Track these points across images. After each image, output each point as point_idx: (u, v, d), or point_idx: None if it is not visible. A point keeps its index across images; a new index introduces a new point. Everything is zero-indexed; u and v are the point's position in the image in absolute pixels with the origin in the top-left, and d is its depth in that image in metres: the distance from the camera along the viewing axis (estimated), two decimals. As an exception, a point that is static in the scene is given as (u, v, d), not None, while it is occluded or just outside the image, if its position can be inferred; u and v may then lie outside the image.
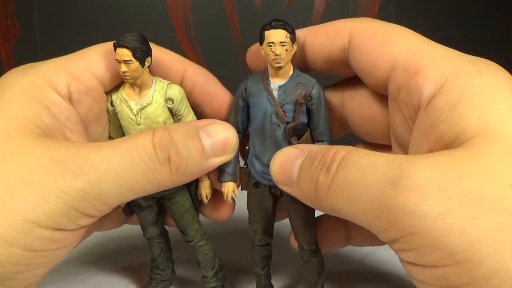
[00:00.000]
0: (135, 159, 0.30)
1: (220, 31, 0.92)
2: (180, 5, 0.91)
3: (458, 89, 0.27)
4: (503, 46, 0.95)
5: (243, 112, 0.36)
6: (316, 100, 0.34)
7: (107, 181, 0.29)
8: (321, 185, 0.29)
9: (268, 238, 0.38)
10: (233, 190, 0.36)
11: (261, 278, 0.40)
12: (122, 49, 0.32)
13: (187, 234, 0.39)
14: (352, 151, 0.28)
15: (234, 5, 0.91)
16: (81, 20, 0.88)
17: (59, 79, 0.33)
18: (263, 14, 0.91)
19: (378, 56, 0.32)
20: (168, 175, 0.31)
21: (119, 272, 0.47)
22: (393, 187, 0.25)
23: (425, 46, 0.31)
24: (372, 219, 0.26)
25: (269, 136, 0.34)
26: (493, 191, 0.24)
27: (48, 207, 0.28)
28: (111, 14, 0.90)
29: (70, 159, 0.29)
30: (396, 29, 0.33)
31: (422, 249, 0.24)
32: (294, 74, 0.35)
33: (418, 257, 0.25)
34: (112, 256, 0.50)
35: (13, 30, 0.91)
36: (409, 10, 0.93)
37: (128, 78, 0.33)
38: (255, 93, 0.35)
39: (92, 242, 0.52)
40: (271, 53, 0.33)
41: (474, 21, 0.93)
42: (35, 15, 0.90)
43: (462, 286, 0.24)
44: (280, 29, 0.33)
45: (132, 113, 0.35)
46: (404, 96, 0.31)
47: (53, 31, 0.89)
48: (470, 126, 0.26)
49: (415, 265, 0.26)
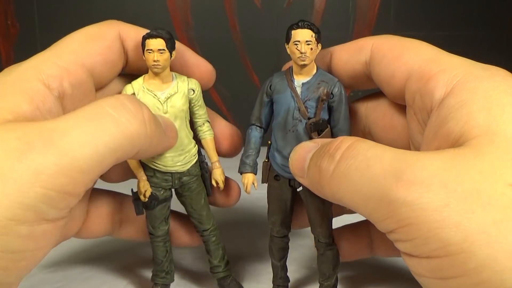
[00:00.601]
0: (104, 114, 0.29)
1: (220, 31, 0.92)
2: (180, 5, 0.91)
3: (467, 91, 0.29)
4: (503, 46, 0.95)
5: (267, 108, 0.38)
6: (338, 98, 0.36)
7: (80, 145, 0.27)
8: (324, 172, 0.30)
9: (286, 230, 0.40)
10: (252, 182, 0.38)
11: (278, 270, 0.41)
12: (156, 39, 0.35)
13: (204, 222, 0.40)
14: (359, 141, 0.29)
15: (234, 5, 0.91)
16: (81, 20, 0.88)
17: (51, 72, 0.33)
18: (263, 14, 0.91)
19: (395, 67, 0.34)
20: (142, 125, 0.31)
21: (119, 272, 0.47)
22: (396, 179, 0.26)
23: (437, 55, 0.33)
24: (372, 209, 0.27)
25: (291, 130, 0.36)
26: (491, 188, 0.24)
27: (23, 197, 0.26)
28: (111, 14, 0.89)
29: (37, 135, 0.27)
30: (412, 42, 0.35)
31: (418, 240, 0.25)
32: (317, 72, 0.36)
33: (414, 247, 0.26)
34: (112, 256, 0.50)
35: (13, 30, 0.91)
36: (409, 10, 0.93)
37: (159, 68, 0.36)
38: (280, 90, 0.36)
39: (92, 242, 0.52)
40: (296, 51, 0.35)
41: (474, 21, 0.94)
42: (35, 15, 0.91)
43: (455, 277, 0.25)
44: (306, 29, 0.34)
45: (159, 103, 0.36)
46: (418, 101, 0.32)
47: (53, 31, 0.89)
48: (476, 126, 0.27)
49: (411, 256, 0.27)
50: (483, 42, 0.94)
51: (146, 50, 0.35)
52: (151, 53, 0.35)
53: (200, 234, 0.41)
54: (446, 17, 0.93)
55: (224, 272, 0.41)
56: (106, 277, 0.46)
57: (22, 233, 0.26)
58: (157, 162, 0.37)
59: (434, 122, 0.30)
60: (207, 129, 0.40)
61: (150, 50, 0.35)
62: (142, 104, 0.32)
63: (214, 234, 0.41)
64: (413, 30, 0.92)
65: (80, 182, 0.28)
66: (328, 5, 0.92)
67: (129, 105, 0.30)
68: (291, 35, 0.35)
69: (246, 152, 0.38)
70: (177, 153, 0.38)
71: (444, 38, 0.93)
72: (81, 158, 0.27)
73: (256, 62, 0.93)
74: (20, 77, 0.32)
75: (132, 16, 0.90)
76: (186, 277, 0.45)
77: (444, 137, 0.29)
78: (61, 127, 0.28)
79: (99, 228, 0.41)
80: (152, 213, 0.39)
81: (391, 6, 0.92)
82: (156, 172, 0.38)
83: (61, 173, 0.27)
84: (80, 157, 0.27)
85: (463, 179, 0.25)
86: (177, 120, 0.37)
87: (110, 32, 0.37)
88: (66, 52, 0.35)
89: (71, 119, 0.29)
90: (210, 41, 0.91)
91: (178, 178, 0.38)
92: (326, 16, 0.92)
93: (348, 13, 0.93)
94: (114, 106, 0.30)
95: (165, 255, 0.41)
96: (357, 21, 0.93)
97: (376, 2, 0.92)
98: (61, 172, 0.27)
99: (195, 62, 0.39)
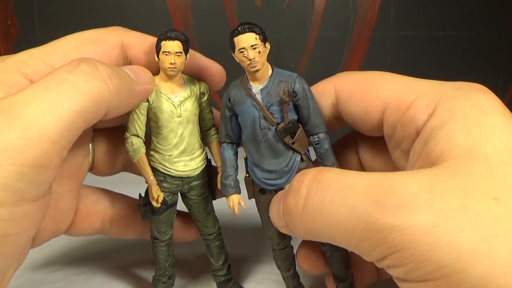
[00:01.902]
0: (61, 80, 0.29)
1: (220, 31, 0.92)
2: (180, 5, 0.91)
3: (447, 112, 0.29)
4: (503, 46, 0.95)
5: (232, 122, 0.36)
6: (301, 94, 0.33)
7: (42, 114, 0.27)
8: (293, 209, 0.29)
9: (286, 240, 0.38)
10: (238, 202, 0.36)
11: (289, 280, 0.39)
12: (174, 41, 0.34)
13: (210, 227, 0.40)
14: (322, 171, 0.28)
15: (234, 5, 0.91)
16: (81, 20, 0.88)
17: (35, 69, 0.32)
18: (263, 14, 0.91)
19: (367, 103, 0.33)
20: (102, 82, 0.30)
21: (119, 272, 0.47)
22: (379, 206, 0.25)
23: (407, 83, 0.33)
24: (358, 240, 0.26)
25: (263, 141, 0.34)
26: (477, 204, 0.24)
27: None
28: (111, 14, 0.90)
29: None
30: (375, 74, 0.35)
31: (411, 265, 0.25)
32: (273, 73, 0.34)
33: (408, 272, 0.25)
34: (112, 256, 0.50)
35: (13, 30, 0.91)
36: (409, 10, 0.93)
37: (175, 70, 0.35)
38: (240, 101, 0.34)
39: (92, 242, 0.52)
40: (245, 59, 0.33)
41: (474, 21, 0.94)
42: (35, 15, 0.91)
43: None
44: (248, 32, 0.32)
45: (173, 106, 0.36)
46: (400, 131, 0.32)
47: (53, 31, 0.89)
48: (455, 146, 0.27)
49: (406, 281, 0.26)
50: (483, 42, 0.94)
51: (162, 52, 0.34)
52: (168, 55, 0.34)
53: (205, 238, 0.41)
54: (446, 17, 0.93)
55: (226, 276, 0.41)
56: (106, 277, 0.46)
57: (3, 216, 0.26)
58: (168, 166, 0.37)
59: (417, 145, 0.30)
60: (214, 133, 0.39)
61: (167, 52, 0.34)
62: (98, 62, 0.31)
63: (219, 238, 0.41)
64: (413, 30, 0.92)
65: (51, 152, 0.27)
66: (328, 5, 0.92)
67: (83, 66, 0.30)
68: (234, 43, 0.33)
69: (224, 173, 0.36)
70: (189, 158, 0.37)
71: (444, 38, 0.93)
72: (46, 127, 0.27)
73: (256, 62, 0.93)
74: (3, 69, 0.31)
75: (132, 16, 0.90)
76: (185, 279, 0.45)
77: (425, 157, 0.28)
78: (20, 100, 0.27)
79: (89, 226, 0.41)
80: (159, 218, 0.38)
81: (391, 6, 0.92)
82: (167, 176, 0.37)
83: (29, 146, 0.26)
84: (45, 126, 0.27)
85: (447, 197, 0.25)
86: (190, 124, 0.36)
87: (111, 38, 0.36)
88: (58, 51, 0.34)
89: (29, 91, 0.28)
90: (210, 41, 0.91)
91: (188, 182, 0.38)
92: (326, 16, 0.92)
93: (348, 13, 0.93)
94: (69, 71, 0.29)
95: (167, 260, 0.40)
96: (357, 21, 0.93)
97: (376, 2, 0.92)
98: (29, 145, 0.26)
99: (206, 65, 0.39)
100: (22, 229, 0.28)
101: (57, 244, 0.51)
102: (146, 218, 0.38)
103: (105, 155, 0.40)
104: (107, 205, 0.41)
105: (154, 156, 0.37)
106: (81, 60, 0.30)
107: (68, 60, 0.33)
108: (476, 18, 0.93)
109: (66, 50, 0.34)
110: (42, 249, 0.38)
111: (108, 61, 0.35)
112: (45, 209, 0.30)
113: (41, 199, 0.29)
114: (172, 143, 0.36)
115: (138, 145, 0.36)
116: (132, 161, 0.36)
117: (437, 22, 0.93)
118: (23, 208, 0.27)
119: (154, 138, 0.37)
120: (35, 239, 0.35)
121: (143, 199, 0.37)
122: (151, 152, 0.37)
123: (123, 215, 0.41)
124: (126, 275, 0.46)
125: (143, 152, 0.36)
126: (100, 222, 0.41)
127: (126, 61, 0.37)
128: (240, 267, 0.47)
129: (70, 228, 0.39)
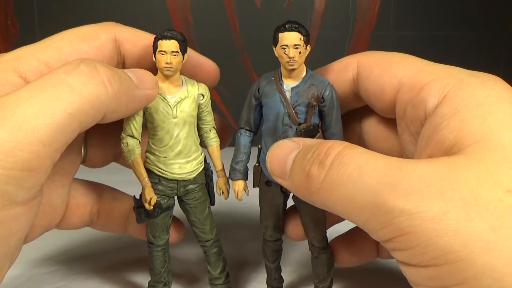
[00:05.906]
0: (57, 81, 0.28)
1: (220, 31, 0.92)
2: (180, 5, 0.91)
3: (460, 98, 0.29)
4: (503, 46, 0.95)
5: (256, 111, 0.36)
6: (329, 102, 0.35)
7: (34, 116, 0.26)
8: (314, 179, 0.29)
9: (279, 234, 0.39)
10: (243, 189, 0.37)
11: (272, 271, 0.40)
12: (170, 41, 0.34)
13: (207, 233, 0.39)
14: (348, 147, 0.29)
15: (234, 5, 0.91)
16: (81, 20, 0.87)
17: (30, 66, 0.32)
18: (263, 14, 0.91)
19: (384, 80, 0.34)
20: (100, 86, 0.29)
21: (119, 272, 0.47)
22: (393, 189, 0.26)
23: (425, 66, 0.33)
24: (367, 218, 0.27)
25: (281, 136, 0.35)
26: (489, 195, 0.24)
27: None
28: (111, 14, 0.90)
29: None
30: (398, 55, 0.35)
31: (417, 249, 0.25)
32: (307, 75, 0.35)
33: (413, 256, 0.26)
34: (112, 256, 0.50)
35: (13, 30, 0.91)
36: (409, 10, 0.93)
37: (171, 70, 0.34)
38: (268, 94, 0.35)
39: (92, 241, 0.52)
40: (284, 56, 0.33)
41: (474, 21, 0.93)
42: (35, 15, 0.91)
43: (455, 285, 0.24)
44: (294, 31, 0.33)
45: (169, 107, 0.35)
46: (410, 112, 0.32)
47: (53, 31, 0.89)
48: (470, 134, 0.27)
49: (409, 265, 0.26)
50: (483, 42, 0.94)
51: (158, 51, 0.34)
52: (164, 55, 0.34)
53: (202, 245, 0.40)
54: (446, 17, 0.93)
55: (224, 285, 0.40)
56: (106, 277, 0.46)
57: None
58: (163, 168, 0.36)
59: (427, 130, 0.30)
60: (214, 136, 0.38)
61: (163, 51, 0.34)
62: (99, 64, 0.30)
63: (216, 245, 0.40)
64: (413, 30, 0.92)
65: (43, 155, 0.26)
66: (328, 5, 0.92)
67: (83, 67, 0.29)
68: (278, 38, 0.33)
69: (236, 157, 0.37)
70: (185, 160, 0.36)
71: (444, 38, 0.93)
72: (38, 129, 0.26)
73: (256, 62, 0.93)
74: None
75: (132, 16, 0.90)
76: (182, 287, 0.44)
77: (437, 145, 0.29)
78: (12, 101, 0.26)
79: (78, 219, 0.40)
80: (154, 221, 0.37)
81: (391, 6, 0.92)
82: (162, 179, 0.36)
83: (19, 148, 0.25)
84: (36, 128, 0.26)
85: (460, 187, 0.25)
86: (186, 125, 0.36)
87: (104, 33, 0.36)
88: (52, 48, 0.34)
89: (23, 92, 0.27)
90: (210, 41, 0.91)
91: (183, 186, 0.37)
92: (326, 16, 0.92)
93: (348, 13, 0.93)
94: (67, 71, 0.28)
95: (163, 266, 0.39)
96: (357, 21, 0.93)
97: (376, 2, 0.92)
98: (19, 147, 0.25)
99: (199, 61, 0.38)
100: (12, 231, 0.28)
101: (57, 244, 0.51)
102: (140, 221, 0.37)
103: (97, 148, 0.40)
104: (95, 198, 0.41)
105: (149, 157, 0.36)
106: (81, 60, 0.30)
107: (62, 57, 0.33)
108: (476, 18, 0.93)
109: (60, 47, 0.34)
110: (42, 249, 0.38)
111: (102, 56, 0.35)
112: (36, 210, 0.30)
113: (31, 202, 0.28)
114: (167, 145, 0.36)
115: (133, 146, 0.35)
116: (127, 162, 0.36)
117: (437, 22, 0.93)
118: (12, 211, 0.27)
119: (150, 140, 0.36)
120: (27, 235, 0.35)
121: (137, 201, 0.36)
122: (147, 154, 0.37)
123: (108, 208, 0.41)
124: (126, 275, 0.46)
125: (138, 153, 0.35)
126: (89, 214, 0.41)
127: (120, 56, 0.37)
128: (238, 275, 0.46)
129: (61, 222, 0.39)
